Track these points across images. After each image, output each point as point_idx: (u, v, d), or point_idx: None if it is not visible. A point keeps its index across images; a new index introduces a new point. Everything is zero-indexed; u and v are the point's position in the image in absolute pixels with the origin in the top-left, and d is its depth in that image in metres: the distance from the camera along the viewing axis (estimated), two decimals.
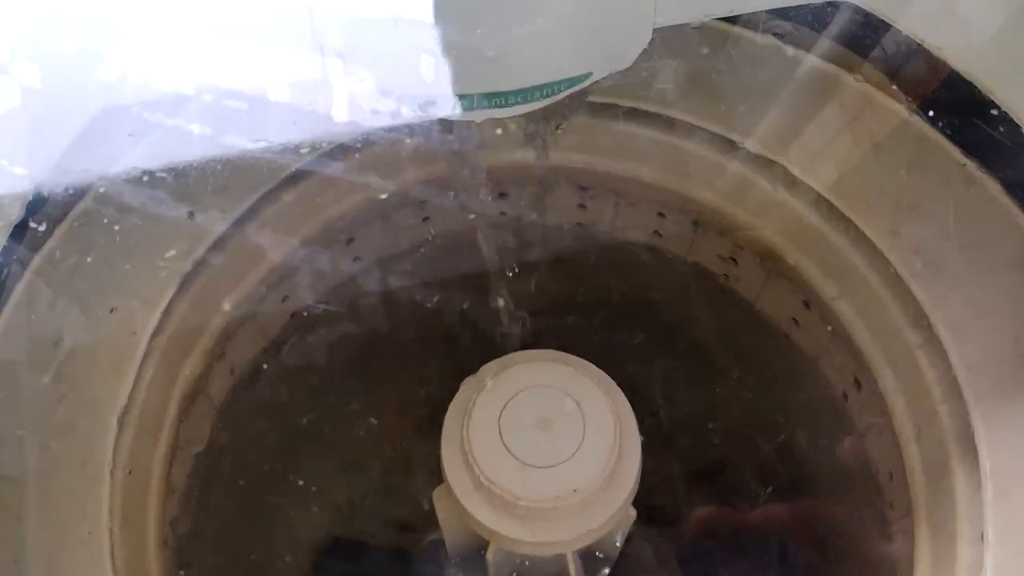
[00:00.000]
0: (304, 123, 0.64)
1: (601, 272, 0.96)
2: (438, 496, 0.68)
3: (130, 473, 0.61)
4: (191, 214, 0.66)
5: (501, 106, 0.56)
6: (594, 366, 0.65)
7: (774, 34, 0.72)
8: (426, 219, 0.91)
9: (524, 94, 0.56)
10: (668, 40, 0.72)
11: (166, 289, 0.64)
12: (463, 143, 0.70)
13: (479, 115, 0.57)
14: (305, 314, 0.87)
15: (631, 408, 0.64)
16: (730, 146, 0.74)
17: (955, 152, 0.66)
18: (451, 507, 0.66)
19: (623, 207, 0.90)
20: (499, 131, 0.76)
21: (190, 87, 0.58)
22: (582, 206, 0.91)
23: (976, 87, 0.64)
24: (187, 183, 0.66)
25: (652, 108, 0.76)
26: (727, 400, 0.94)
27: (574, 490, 0.60)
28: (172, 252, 0.65)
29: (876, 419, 0.76)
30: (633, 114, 0.77)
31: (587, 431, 0.61)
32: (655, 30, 0.58)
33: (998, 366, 0.58)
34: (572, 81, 0.57)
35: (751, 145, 0.73)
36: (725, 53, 0.75)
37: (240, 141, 0.63)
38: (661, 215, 0.88)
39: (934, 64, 0.67)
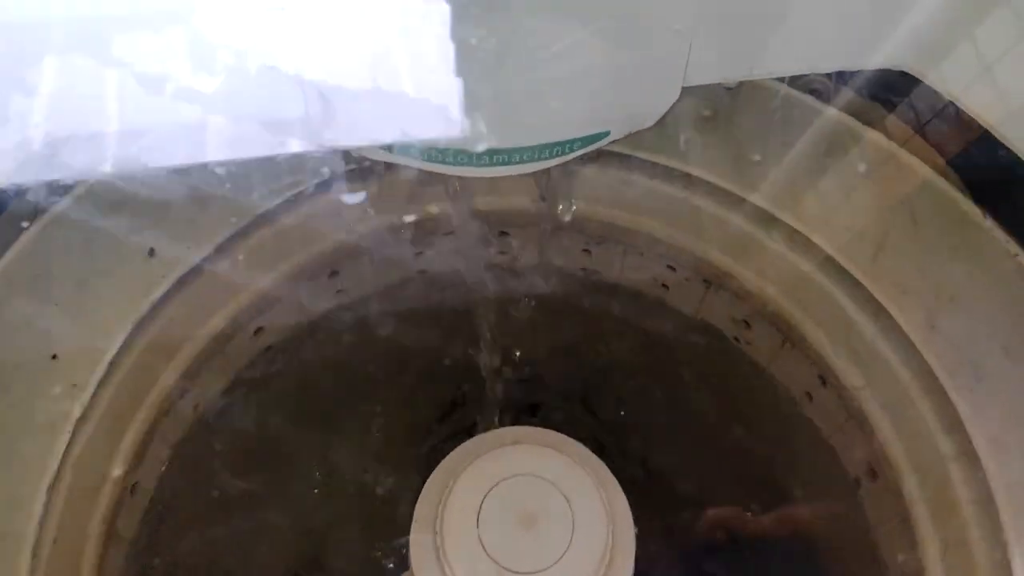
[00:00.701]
0: (287, 162, 0.57)
1: (603, 322, 0.90)
2: None
3: (55, 542, 0.54)
4: (151, 251, 0.59)
5: (503, 164, 0.49)
6: (587, 451, 0.59)
7: (811, 91, 0.65)
8: (419, 254, 0.84)
9: (531, 152, 0.49)
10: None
11: (116, 335, 0.56)
12: (462, 189, 0.64)
13: (479, 172, 0.50)
14: (275, 348, 0.80)
15: (627, 502, 0.57)
16: (742, 205, 0.68)
17: (1003, 238, 0.59)
18: None
19: (631, 256, 0.83)
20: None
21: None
22: (587, 251, 0.85)
23: (1009, 148, 0.57)
24: (150, 215, 0.60)
25: (665, 161, 0.69)
26: (728, 471, 0.87)
27: (594, 569, 0.53)
28: (127, 293, 0.58)
29: (891, 515, 0.69)
30: (643, 165, 0.70)
31: (576, 532, 0.54)
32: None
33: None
34: (587, 140, 0.51)
35: (771, 207, 0.66)
36: (743, 101, 0.69)
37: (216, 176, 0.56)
38: (671, 268, 0.82)
39: (966, 123, 0.61)
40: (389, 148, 0.50)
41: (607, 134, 0.51)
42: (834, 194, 0.66)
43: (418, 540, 0.55)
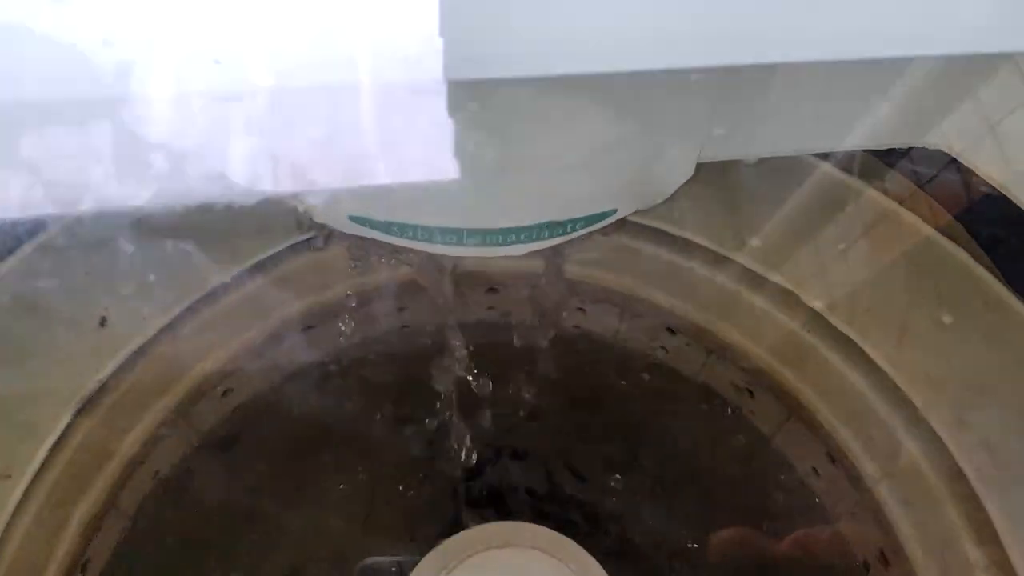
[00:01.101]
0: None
1: (597, 385, 0.84)
2: None
3: None
4: (103, 320, 0.53)
5: (498, 244, 0.44)
6: (583, 551, 0.53)
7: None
8: (402, 309, 0.78)
9: (528, 232, 0.44)
10: None
11: (60, 416, 0.51)
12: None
13: (471, 252, 0.44)
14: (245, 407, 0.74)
15: None
16: (752, 277, 0.63)
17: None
18: None
19: (627, 318, 0.78)
20: None
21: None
22: (581, 309, 0.80)
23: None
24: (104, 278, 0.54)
25: (660, 225, 0.64)
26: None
27: None
28: (74, 368, 0.52)
29: None
30: (637, 229, 0.65)
31: None
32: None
33: None
34: (590, 219, 0.45)
35: (775, 277, 0.61)
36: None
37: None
38: (671, 331, 0.76)
39: (968, 182, 0.56)
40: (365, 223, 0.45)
41: (613, 212, 0.46)
42: (847, 267, 0.61)
43: None
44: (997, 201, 0.51)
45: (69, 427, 0.51)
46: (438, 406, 0.77)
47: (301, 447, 0.75)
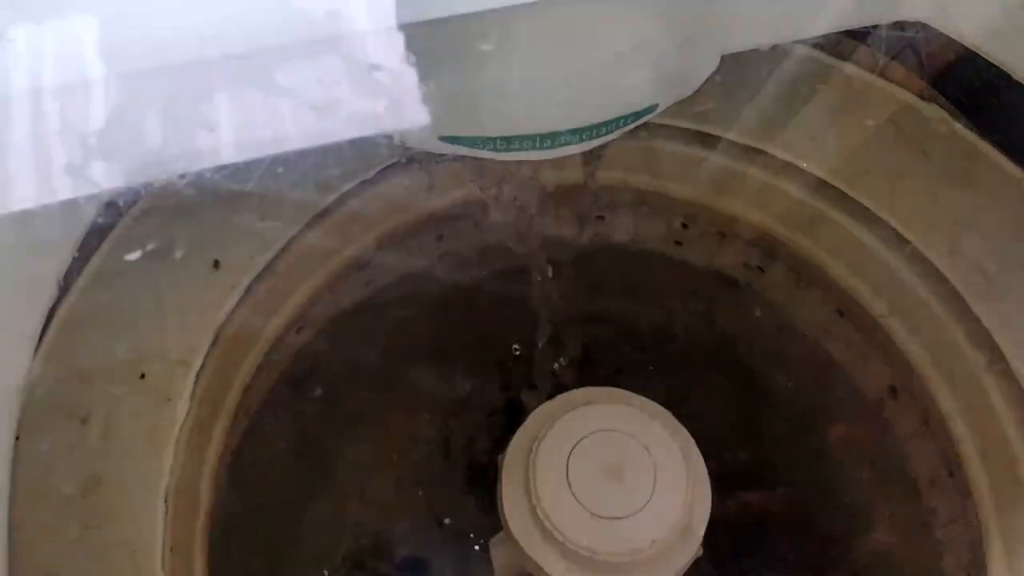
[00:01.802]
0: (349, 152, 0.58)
1: (617, 286, 0.94)
2: (496, 545, 0.65)
3: (171, 550, 0.56)
4: (216, 263, 0.61)
5: (575, 143, 0.52)
6: (655, 404, 0.63)
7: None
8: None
9: (596, 129, 0.53)
10: None
11: (200, 346, 0.59)
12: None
13: (545, 155, 0.53)
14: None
15: (699, 450, 0.61)
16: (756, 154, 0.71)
17: (1008, 165, 0.64)
18: (511, 556, 0.64)
19: (643, 216, 0.87)
20: None
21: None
22: (600, 217, 0.88)
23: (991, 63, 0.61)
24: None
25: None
26: (756, 409, 0.93)
27: (652, 541, 0.57)
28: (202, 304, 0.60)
29: (920, 426, 0.76)
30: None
31: (658, 479, 0.59)
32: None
33: None
34: (637, 115, 0.54)
35: (776, 152, 0.70)
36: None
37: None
38: (684, 226, 0.86)
39: (944, 44, 0.65)
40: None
41: (656, 106, 0.55)
42: (839, 137, 0.70)
43: (510, 498, 0.59)
44: (968, 63, 0.61)
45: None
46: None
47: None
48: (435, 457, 0.95)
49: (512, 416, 0.89)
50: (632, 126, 0.55)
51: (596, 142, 0.54)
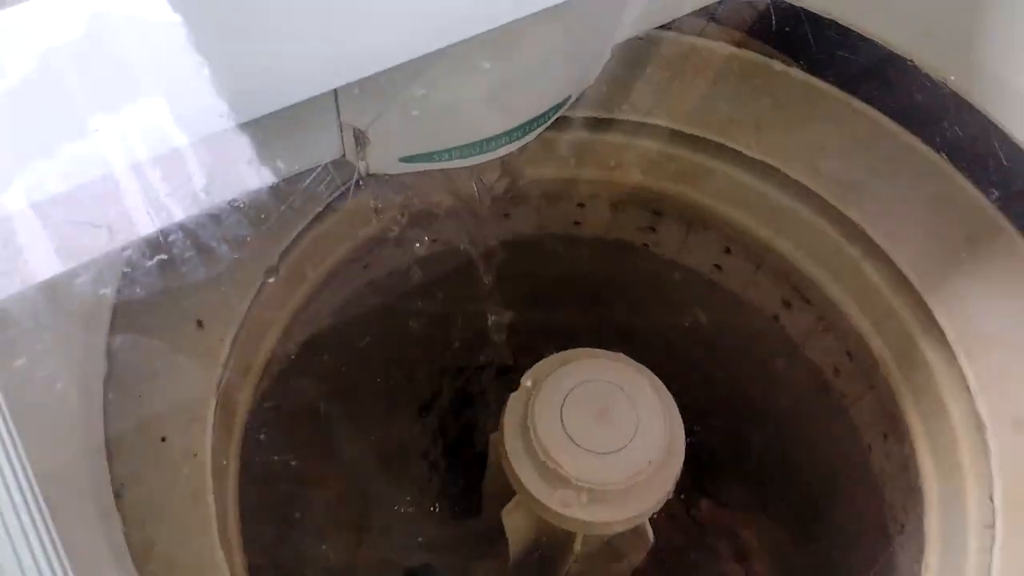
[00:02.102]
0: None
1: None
2: (507, 513, 0.72)
3: None
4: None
5: (515, 140, 0.61)
6: (638, 364, 0.73)
7: None
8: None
9: (530, 124, 0.62)
10: None
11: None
12: None
13: (498, 153, 0.61)
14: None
15: (674, 401, 0.72)
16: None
17: (842, 94, 0.79)
18: (523, 520, 0.71)
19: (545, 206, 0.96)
20: None
21: None
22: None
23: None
24: None
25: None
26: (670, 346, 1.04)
27: (649, 462, 0.67)
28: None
29: (815, 325, 0.90)
30: None
31: (640, 422, 0.69)
32: None
33: (934, 255, 0.72)
34: (560, 105, 0.64)
35: (640, 118, 0.81)
36: None
37: None
38: (581, 205, 0.96)
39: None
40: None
41: (570, 98, 0.64)
42: (693, 94, 0.83)
43: (510, 432, 0.67)
44: (779, 10, 0.74)
45: None
46: None
47: None
48: None
49: None
50: (553, 118, 0.64)
51: (529, 137, 0.63)
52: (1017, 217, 0.71)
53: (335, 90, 0.51)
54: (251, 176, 0.58)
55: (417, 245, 0.90)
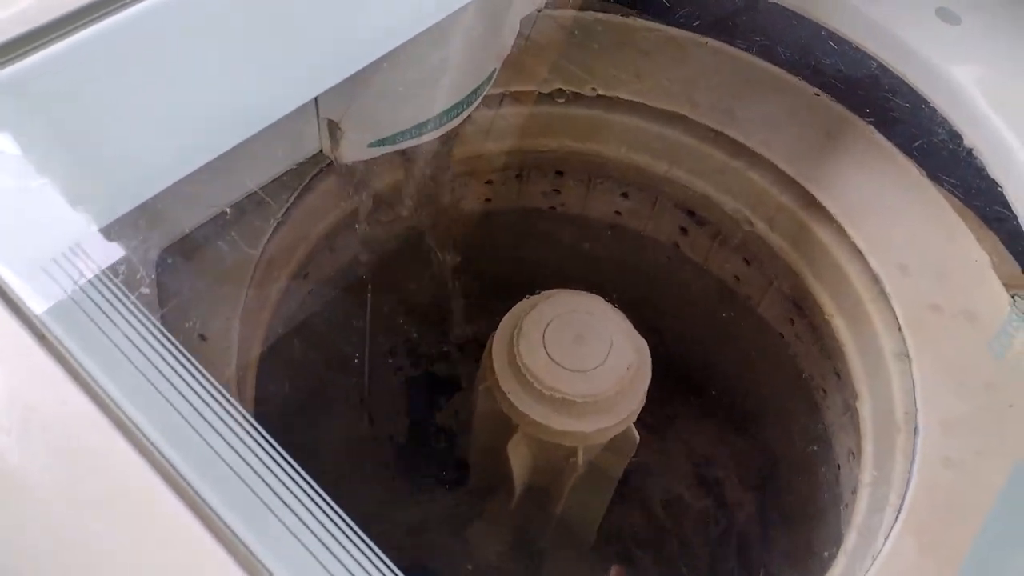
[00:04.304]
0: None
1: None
2: (513, 446, 0.80)
3: None
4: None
5: (463, 110, 0.70)
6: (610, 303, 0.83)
7: None
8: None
9: (473, 96, 0.71)
10: None
11: None
12: None
13: (451, 125, 0.70)
14: None
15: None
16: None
17: (699, 37, 0.93)
18: (528, 449, 0.80)
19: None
20: None
21: None
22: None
23: None
24: None
25: None
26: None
27: (628, 366, 0.77)
28: None
29: (709, 243, 1.03)
30: None
31: (613, 346, 0.79)
32: None
33: (805, 152, 0.86)
34: (492, 74, 0.73)
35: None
36: None
37: None
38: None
39: None
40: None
41: (496, 70, 0.74)
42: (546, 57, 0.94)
43: (503, 374, 0.76)
44: None
45: None
46: None
47: None
48: None
49: None
50: (487, 90, 0.73)
51: (472, 108, 0.72)
52: (855, 108, 0.87)
53: None
54: (245, 183, 0.63)
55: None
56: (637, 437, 0.82)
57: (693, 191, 0.97)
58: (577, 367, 0.77)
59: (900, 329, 0.78)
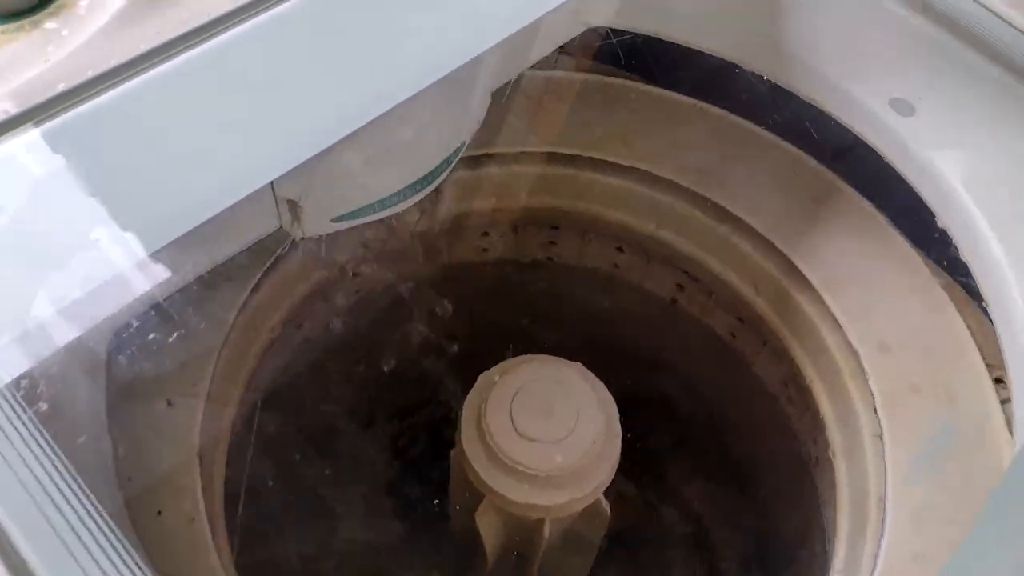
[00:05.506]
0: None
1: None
2: (481, 514, 0.80)
3: None
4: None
5: (427, 185, 0.71)
6: (581, 366, 0.83)
7: None
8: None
9: (438, 170, 0.71)
10: None
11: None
12: None
13: (412, 200, 0.70)
14: None
15: (612, 398, 0.82)
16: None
17: (688, 99, 0.92)
18: (495, 518, 0.80)
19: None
20: None
21: None
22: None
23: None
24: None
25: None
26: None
27: (593, 441, 0.77)
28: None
29: (705, 299, 1.02)
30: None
31: (580, 417, 0.79)
32: None
33: (788, 218, 0.85)
34: (459, 149, 0.74)
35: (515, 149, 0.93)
36: None
37: None
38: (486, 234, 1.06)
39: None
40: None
41: (464, 143, 0.74)
42: (563, 117, 0.94)
43: (468, 441, 0.76)
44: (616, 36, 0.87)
45: None
46: None
47: None
48: None
49: None
50: (455, 162, 0.74)
51: (438, 180, 0.72)
52: (843, 173, 0.86)
53: None
54: (198, 264, 0.65)
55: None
56: (607, 509, 0.81)
57: (681, 252, 0.96)
58: (542, 438, 0.77)
59: (876, 411, 0.76)
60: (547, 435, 0.77)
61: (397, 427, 1.15)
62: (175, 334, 0.73)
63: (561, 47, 0.93)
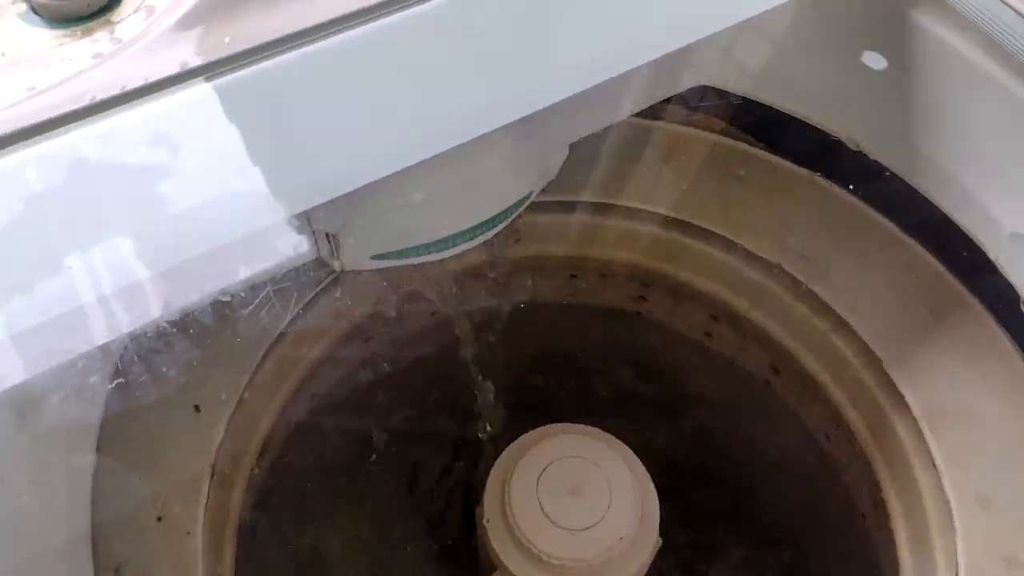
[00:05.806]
0: None
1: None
2: None
3: None
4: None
5: (473, 238, 0.65)
6: (614, 438, 0.76)
7: None
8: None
9: (493, 220, 0.66)
10: None
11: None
12: None
13: (458, 249, 0.66)
14: None
15: (649, 476, 0.75)
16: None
17: (803, 171, 0.82)
18: None
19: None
20: None
21: None
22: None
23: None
24: None
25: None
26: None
27: (620, 537, 0.69)
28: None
29: (803, 393, 0.91)
30: None
31: (613, 498, 0.71)
32: None
33: (898, 328, 0.74)
34: (523, 200, 0.68)
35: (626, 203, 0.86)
36: None
37: None
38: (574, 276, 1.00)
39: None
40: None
41: (532, 193, 0.69)
42: (677, 180, 0.87)
43: (491, 512, 0.70)
44: (750, 104, 0.78)
45: None
46: None
47: None
48: None
49: None
50: (518, 212, 0.68)
51: (492, 231, 0.67)
52: (978, 290, 0.73)
53: None
54: (223, 282, 0.63)
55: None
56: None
57: (773, 338, 0.86)
58: (565, 524, 0.70)
59: None
60: (572, 520, 0.70)
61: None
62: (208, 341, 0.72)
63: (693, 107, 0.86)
